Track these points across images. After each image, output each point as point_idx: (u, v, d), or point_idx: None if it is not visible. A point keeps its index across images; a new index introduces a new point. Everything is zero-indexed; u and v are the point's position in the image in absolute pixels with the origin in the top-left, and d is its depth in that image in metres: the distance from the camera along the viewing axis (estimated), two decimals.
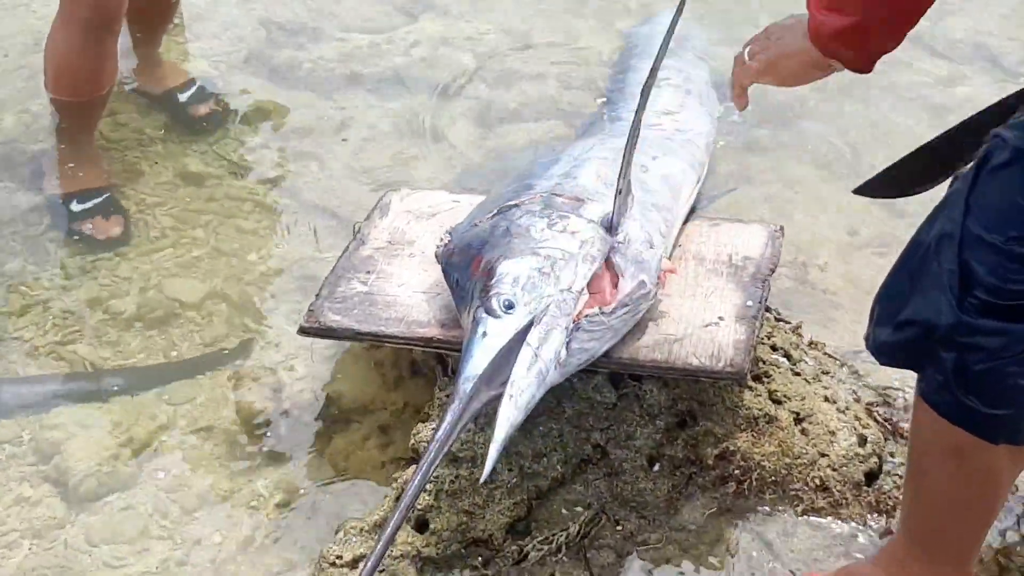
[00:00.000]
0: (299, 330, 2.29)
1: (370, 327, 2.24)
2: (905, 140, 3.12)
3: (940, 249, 1.59)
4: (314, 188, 3.09)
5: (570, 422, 2.13)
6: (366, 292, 2.32)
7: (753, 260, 2.35)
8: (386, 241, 2.48)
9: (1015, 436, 1.67)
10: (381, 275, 2.37)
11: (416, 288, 2.32)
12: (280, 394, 2.47)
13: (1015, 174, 1.52)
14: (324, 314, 2.27)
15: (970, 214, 1.55)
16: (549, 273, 2.02)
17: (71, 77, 2.91)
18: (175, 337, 2.61)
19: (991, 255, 1.53)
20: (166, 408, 2.44)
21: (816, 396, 2.27)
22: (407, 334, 2.22)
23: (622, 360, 2.12)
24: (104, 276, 2.76)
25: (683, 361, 2.10)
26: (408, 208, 2.57)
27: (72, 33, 2.82)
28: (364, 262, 2.41)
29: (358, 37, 3.73)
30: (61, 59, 2.90)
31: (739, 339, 2.13)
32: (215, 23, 3.75)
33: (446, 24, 3.82)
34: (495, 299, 1.98)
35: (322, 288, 2.35)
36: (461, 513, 2.04)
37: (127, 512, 2.22)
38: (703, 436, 2.16)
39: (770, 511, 2.14)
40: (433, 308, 2.26)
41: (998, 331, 1.55)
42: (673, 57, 3.17)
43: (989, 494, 1.79)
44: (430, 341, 2.21)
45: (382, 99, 3.46)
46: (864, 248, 2.85)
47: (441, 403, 2.18)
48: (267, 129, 3.33)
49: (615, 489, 2.12)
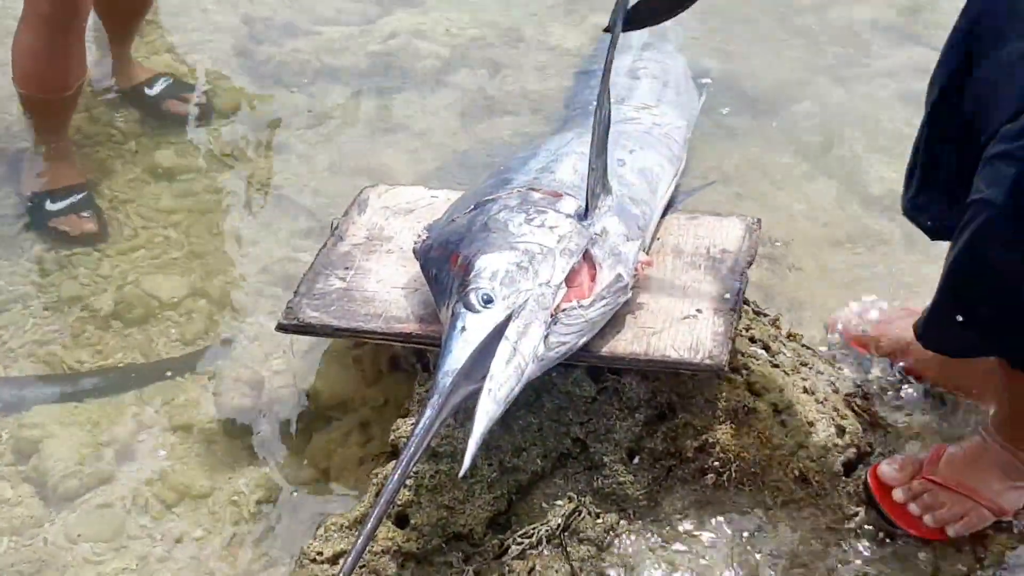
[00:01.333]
0: (277, 327, 2.29)
1: (349, 323, 2.24)
2: (887, 131, 3.18)
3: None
4: (291, 183, 3.08)
5: (549, 416, 2.13)
6: (344, 288, 2.32)
7: (731, 253, 2.36)
8: (364, 237, 2.47)
9: None
10: (359, 271, 2.37)
11: (394, 284, 2.32)
12: (259, 391, 2.46)
13: None
14: (303, 311, 2.27)
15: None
16: (527, 268, 2.03)
17: (37, 74, 2.89)
18: (153, 335, 2.60)
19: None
20: (145, 407, 2.44)
21: (795, 387, 2.28)
22: (386, 330, 2.22)
23: (601, 354, 2.12)
24: (83, 275, 2.75)
25: (661, 354, 2.10)
26: (386, 204, 2.57)
27: (36, 29, 2.79)
28: (342, 258, 2.41)
29: (334, 30, 3.71)
30: (26, 56, 2.87)
31: (717, 331, 2.14)
32: (193, 18, 3.73)
33: (423, 17, 3.81)
34: (473, 294, 1.98)
35: (300, 285, 2.34)
36: (441, 508, 2.04)
37: (106, 509, 2.21)
38: (682, 429, 2.16)
39: (750, 503, 2.15)
40: (412, 304, 2.26)
41: None
42: (651, 50, 3.18)
43: None
44: (409, 337, 2.21)
45: (359, 93, 3.45)
46: (841, 241, 2.86)
47: (420, 399, 2.18)
48: (244, 123, 3.32)
49: (595, 483, 2.12)
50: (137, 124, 3.26)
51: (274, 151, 3.21)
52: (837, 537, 2.11)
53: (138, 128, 3.25)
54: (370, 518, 1.75)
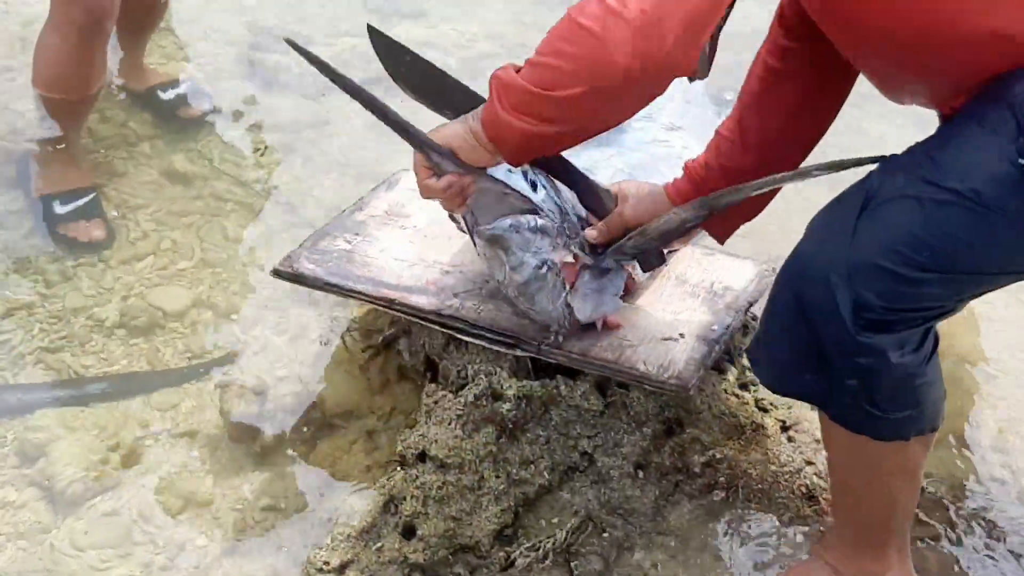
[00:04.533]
0: (272, 271, 2.37)
1: (339, 280, 2.31)
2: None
3: (819, 280, 1.64)
4: (297, 192, 3.09)
5: (557, 429, 2.13)
6: (347, 250, 2.39)
7: (734, 291, 2.34)
8: (383, 211, 2.53)
9: (922, 427, 1.78)
10: (367, 239, 2.43)
11: (396, 255, 2.38)
12: (265, 399, 2.45)
13: (907, 209, 1.60)
14: (299, 261, 2.34)
15: (857, 241, 1.62)
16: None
17: (62, 77, 2.90)
18: (159, 344, 2.60)
19: (881, 280, 1.60)
20: (151, 413, 2.43)
21: (802, 405, 2.28)
22: (372, 292, 2.28)
23: (572, 354, 2.12)
24: (87, 282, 2.74)
25: (630, 364, 2.09)
26: (414, 187, 2.57)
27: (65, 35, 2.81)
28: (356, 225, 2.48)
29: (344, 40, 3.72)
30: (52, 59, 2.88)
31: (693, 356, 2.12)
32: (203, 27, 3.74)
33: (431, 29, 3.82)
34: (529, 173, 2.11)
35: (307, 240, 2.42)
36: (448, 519, 2.04)
37: (112, 517, 2.20)
38: (690, 444, 2.16)
39: (757, 519, 2.15)
40: (406, 275, 2.32)
41: (888, 343, 1.64)
42: None
43: (915, 480, 1.90)
44: (392, 303, 2.26)
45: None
46: None
47: (428, 408, 2.18)
48: (254, 132, 3.33)
49: (602, 496, 2.12)
50: (150, 127, 3.28)
51: (283, 159, 3.21)
52: None
53: (151, 131, 3.27)
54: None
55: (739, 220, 2.11)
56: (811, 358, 1.70)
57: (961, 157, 1.59)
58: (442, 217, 2.44)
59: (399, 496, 2.07)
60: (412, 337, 2.39)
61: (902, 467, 1.83)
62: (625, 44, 1.61)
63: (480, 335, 2.18)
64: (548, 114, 1.71)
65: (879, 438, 1.76)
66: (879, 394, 1.70)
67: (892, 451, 1.78)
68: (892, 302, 1.61)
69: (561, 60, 1.67)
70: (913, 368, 1.68)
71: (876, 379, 1.67)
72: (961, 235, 1.58)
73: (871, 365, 1.65)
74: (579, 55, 1.65)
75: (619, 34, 1.61)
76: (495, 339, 2.17)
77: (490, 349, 2.19)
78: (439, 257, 2.38)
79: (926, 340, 1.71)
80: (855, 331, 1.62)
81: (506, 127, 1.75)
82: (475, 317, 2.20)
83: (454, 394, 2.16)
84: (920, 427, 1.77)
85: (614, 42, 1.61)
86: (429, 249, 2.40)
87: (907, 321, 1.64)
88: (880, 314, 1.61)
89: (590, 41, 1.63)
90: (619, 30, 1.61)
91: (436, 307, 2.23)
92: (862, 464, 1.83)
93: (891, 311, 1.61)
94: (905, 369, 1.67)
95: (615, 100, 1.72)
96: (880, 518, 1.90)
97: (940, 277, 1.61)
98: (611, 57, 1.62)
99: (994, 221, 1.56)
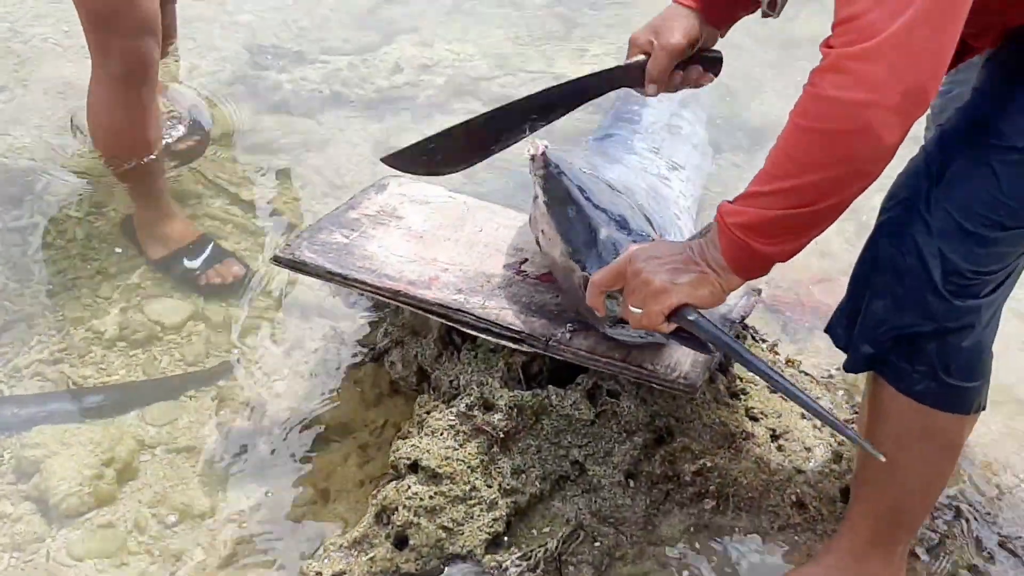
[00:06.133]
0: (272, 259, 2.39)
1: (342, 269, 2.31)
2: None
3: (908, 252, 1.70)
4: (295, 209, 3.11)
5: (548, 439, 2.15)
6: (345, 244, 2.39)
7: (727, 304, 2.34)
8: (375, 211, 2.53)
9: (982, 402, 1.87)
10: (363, 235, 2.44)
11: (395, 251, 2.39)
12: (261, 413, 2.47)
13: (980, 174, 1.67)
14: (300, 250, 2.35)
15: (937, 211, 1.68)
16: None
17: (122, 137, 2.89)
18: (157, 355, 2.62)
19: (965, 244, 1.67)
20: (147, 427, 2.45)
21: (792, 413, 2.30)
22: (376, 283, 2.28)
23: (580, 351, 2.13)
24: (86, 296, 2.76)
25: (638, 363, 2.10)
26: (404, 192, 2.61)
27: (110, 93, 2.77)
28: (350, 222, 2.48)
29: (339, 59, 3.75)
30: (106, 122, 2.86)
31: (697, 358, 2.13)
32: (199, 45, 3.76)
33: (428, 49, 3.84)
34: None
35: (303, 231, 2.44)
36: (440, 529, 2.05)
37: (107, 529, 2.22)
38: (680, 452, 2.17)
39: (747, 527, 2.16)
40: (407, 269, 2.32)
41: (974, 308, 1.71)
42: (688, 108, 3.12)
43: (954, 462, 1.96)
44: (396, 294, 2.27)
45: (364, 120, 3.48)
46: (841, 272, 2.87)
47: (420, 419, 2.19)
48: (251, 151, 3.34)
49: (593, 505, 2.13)
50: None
51: (279, 177, 3.23)
52: None
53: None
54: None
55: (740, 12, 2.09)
56: (893, 326, 1.75)
57: (1020, 116, 1.67)
58: (435, 220, 2.47)
59: (391, 506, 2.08)
60: (404, 348, 2.41)
61: (953, 443, 1.89)
62: (891, 124, 1.52)
63: (487, 329, 2.18)
64: (812, 223, 1.65)
65: (945, 408, 1.80)
66: (956, 361, 1.75)
67: (951, 424, 1.83)
68: (978, 264, 1.68)
69: (819, 173, 1.58)
70: (989, 337, 1.78)
71: (956, 347, 1.74)
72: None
73: (960, 330, 1.72)
74: (841, 157, 1.56)
75: (881, 118, 1.51)
76: (501, 334, 2.17)
77: (492, 353, 2.21)
78: (437, 256, 2.38)
79: (998, 311, 1.79)
80: (949, 296, 1.69)
81: (768, 259, 1.68)
82: (482, 312, 2.20)
83: (446, 404, 2.18)
84: (980, 402, 1.84)
85: (878, 128, 1.52)
86: (427, 248, 2.41)
87: (990, 283, 1.72)
88: (969, 279, 1.69)
89: (852, 141, 1.54)
90: (880, 115, 1.51)
91: (442, 299, 2.23)
92: (918, 437, 1.84)
93: (977, 274, 1.69)
94: (987, 338, 1.77)
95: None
96: (914, 500, 1.94)
97: (1015, 233, 1.69)
98: (882, 144, 1.54)
99: None
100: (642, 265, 1.78)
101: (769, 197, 1.62)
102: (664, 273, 1.75)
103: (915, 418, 1.82)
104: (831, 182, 1.58)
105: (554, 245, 2.14)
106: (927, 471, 1.90)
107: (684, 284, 1.74)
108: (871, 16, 1.50)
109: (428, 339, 2.35)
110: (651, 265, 1.77)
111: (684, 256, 1.76)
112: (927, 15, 1.48)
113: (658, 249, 1.80)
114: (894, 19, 1.48)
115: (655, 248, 1.81)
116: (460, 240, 2.44)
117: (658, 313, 1.77)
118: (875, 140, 1.52)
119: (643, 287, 1.77)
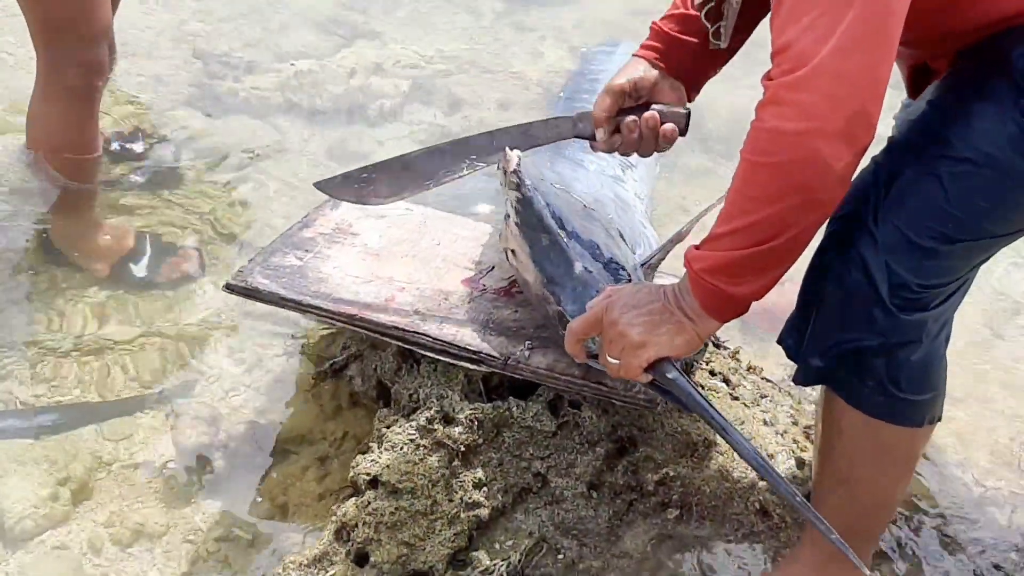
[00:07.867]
0: (224, 286, 2.32)
1: (296, 295, 2.26)
2: None
3: (854, 265, 1.70)
4: (253, 216, 3.07)
5: (510, 451, 2.12)
6: (299, 267, 2.35)
7: None
8: (331, 229, 2.50)
9: (937, 414, 1.86)
10: (318, 256, 2.40)
11: (350, 272, 2.35)
12: (218, 428, 2.43)
13: (927, 185, 1.66)
14: (253, 276, 2.30)
15: (885, 224, 1.68)
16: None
17: (75, 149, 2.87)
18: (111, 372, 2.57)
19: (912, 257, 1.66)
20: (103, 444, 2.40)
21: (755, 420, 2.29)
22: (331, 308, 2.24)
23: (539, 370, 2.10)
24: (39, 309, 2.72)
25: (597, 380, 2.07)
26: (359, 208, 2.57)
27: (63, 101, 2.74)
28: (304, 242, 2.44)
29: (294, 65, 3.72)
30: (56, 128, 2.82)
31: None
32: (151, 55, 3.72)
33: (384, 51, 3.82)
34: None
35: (256, 256, 2.38)
36: (401, 545, 2.02)
37: (62, 551, 2.17)
38: (643, 462, 2.16)
39: (711, 536, 2.15)
40: (363, 291, 2.29)
41: (922, 322, 1.71)
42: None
43: (910, 473, 1.95)
44: (352, 319, 2.23)
45: (321, 126, 3.45)
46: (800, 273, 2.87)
47: (380, 434, 2.17)
48: (205, 157, 3.30)
49: (556, 517, 2.11)
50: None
51: (235, 187, 3.19)
52: None
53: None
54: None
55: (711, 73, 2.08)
56: (839, 340, 1.75)
57: (970, 128, 1.64)
58: (392, 236, 2.45)
59: (351, 523, 2.05)
60: (364, 362, 2.38)
61: (908, 455, 1.89)
62: (838, 151, 1.52)
63: (444, 351, 2.16)
64: (777, 259, 1.64)
65: (897, 422, 1.80)
66: (905, 375, 1.75)
67: (904, 438, 1.83)
68: (925, 278, 1.67)
69: (773, 206, 1.57)
70: (939, 349, 1.77)
71: (905, 360, 1.73)
72: (981, 201, 1.65)
73: (908, 344, 1.72)
74: (791, 187, 1.56)
75: (826, 145, 1.52)
76: (459, 355, 2.15)
77: (452, 366, 2.18)
78: (394, 274, 2.36)
79: (948, 322, 1.78)
80: (896, 310, 1.68)
81: (742, 300, 1.68)
82: (438, 333, 2.17)
83: (406, 418, 2.15)
84: (933, 414, 1.83)
85: (826, 156, 1.52)
86: (382, 266, 2.38)
87: (938, 296, 1.70)
88: (916, 292, 1.67)
89: (799, 171, 1.54)
90: (824, 142, 1.51)
91: (398, 323, 2.20)
92: (872, 451, 1.84)
93: (925, 288, 1.68)
94: (936, 350, 1.76)
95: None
96: (872, 513, 1.94)
97: (963, 246, 1.68)
98: (831, 170, 1.53)
99: (1010, 183, 1.64)
100: (618, 316, 1.77)
101: (729, 238, 1.63)
102: (641, 326, 1.74)
103: (867, 432, 1.81)
104: (786, 213, 1.57)
105: (527, 269, 2.13)
106: (883, 483, 1.90)
107: (662, 336, 1.73)
108: (801, 44, 1.51)
109: (387, 353, 2.32)
110: (628, 316, 1.76)
111: (660, 305, 1.75)
112: (856, 39, 1.48)
113: (635, 298, 1.78)
114: (823, 44, 1.49)
115: (632, 296, 1.79)
116: (417, 256, 2.42)
117: (636, 367, 1.76)
118: (823, 167, 1.52)
119: (620, 339, 1.76)
